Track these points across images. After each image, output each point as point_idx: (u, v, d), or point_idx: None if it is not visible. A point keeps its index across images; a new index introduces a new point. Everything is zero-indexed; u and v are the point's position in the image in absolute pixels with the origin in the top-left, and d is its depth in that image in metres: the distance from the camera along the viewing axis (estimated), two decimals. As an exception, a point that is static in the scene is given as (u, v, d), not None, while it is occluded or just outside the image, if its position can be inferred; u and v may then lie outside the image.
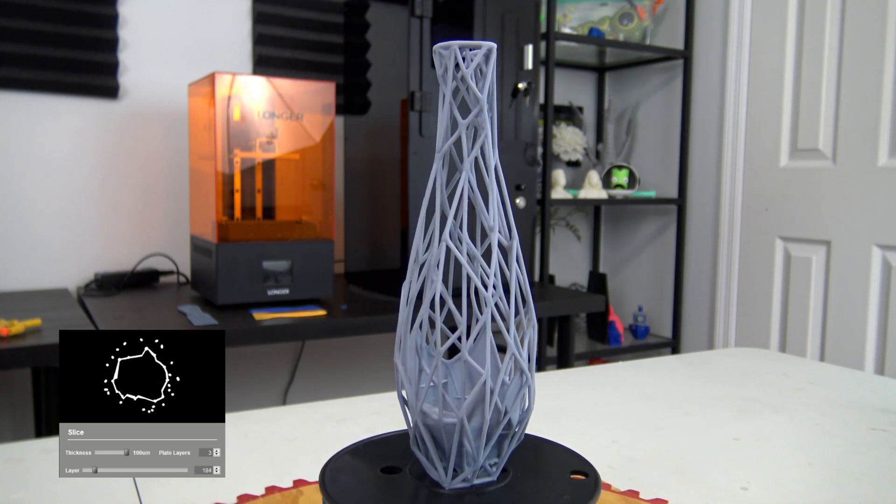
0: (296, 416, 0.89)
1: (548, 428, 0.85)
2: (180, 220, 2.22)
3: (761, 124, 2.61)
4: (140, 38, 2.15)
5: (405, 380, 0.54)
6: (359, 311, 1.79)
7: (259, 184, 1.85)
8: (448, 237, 0.52)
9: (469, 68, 0.52)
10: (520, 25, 2.06)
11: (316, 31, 2.37)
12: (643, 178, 3.06)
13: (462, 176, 0.52)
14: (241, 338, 1.59)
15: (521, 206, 2.07)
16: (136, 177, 2.18)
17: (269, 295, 1.80)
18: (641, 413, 0.92)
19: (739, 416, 0.90)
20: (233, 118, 1.80)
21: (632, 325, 2.96)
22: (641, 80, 3.07)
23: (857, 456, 0.78)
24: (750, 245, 2.68)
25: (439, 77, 0.53)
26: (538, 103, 2.13)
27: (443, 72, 0.53)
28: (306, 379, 2.48)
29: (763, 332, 2.63)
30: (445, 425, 0.53)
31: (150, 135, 2.18)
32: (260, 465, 0.74)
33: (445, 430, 0.53)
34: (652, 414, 0.91)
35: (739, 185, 2.69)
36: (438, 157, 0.53)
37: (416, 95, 1.88)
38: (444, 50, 0.52)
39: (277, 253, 1.80)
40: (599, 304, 2.13)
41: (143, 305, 1.82)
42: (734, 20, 2.66)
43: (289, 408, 0.91)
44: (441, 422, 0.52)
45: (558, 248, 3.12)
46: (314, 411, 0.90)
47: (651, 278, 3.08)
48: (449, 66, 0.52)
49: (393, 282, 2.00)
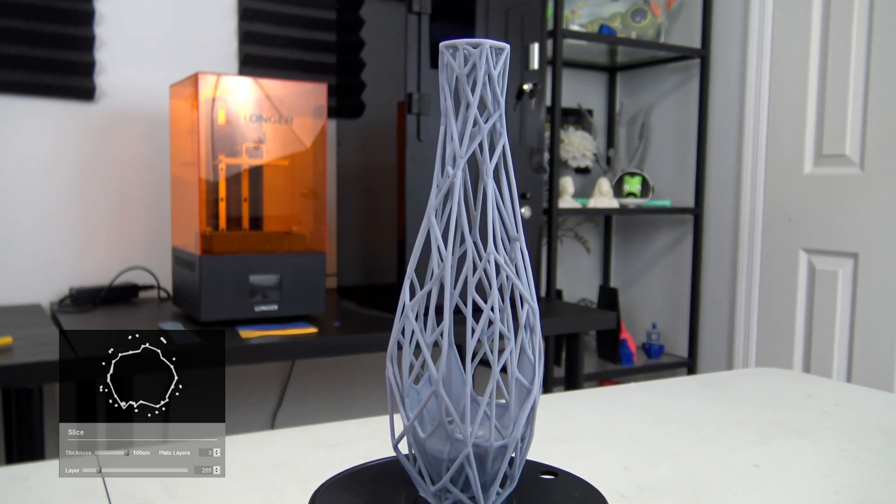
0: (285, 440, 0.89)
1: (555, 454, 0.85)
2: (161, 231, 2.23)
3: (784, 128, 2.62)
4: (118, 36, 2.16)
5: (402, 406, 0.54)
6: (352, 329, 1.79)
7: (245, 192, 1.86)
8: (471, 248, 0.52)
9: (497, 69, 0.53)
10: (525, 22, 2.07)
11: (306, 28, 2.38)
12: (657, 186, 3.07)
13: (488, 184, 0.53)
14: (227, 357, 1.59)
15: (526, 215, 2.08)
16: (114, 184, 2.18)
17: (257, 311, 1.80)
18: (655, 438, 0.92)
19: (760, 441, 0.91)
20: (217, 122, 1.80)
21: (645, 343, 2.96)
22: (655, 81, 3.08)
23: (886, 484, 0.78)
24: (771, 258, 2.68)
25: (461, 76, 0.53)
26: (545, 106, 2.14)
27: (469, 70, 0.53)
28: (296, 401, 2.47)
29: (785, 351, 2.63)
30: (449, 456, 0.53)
31: (128, 140, 2.19)
32: (247, 492, 0.74)
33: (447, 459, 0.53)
34: (666, 439, 0.92)
35: (760, 194, 2.70)
36: (461, 164, 0.53)
37: (414, 97, 1.89)
38: (474, 48, 0.52)
39: (265, 266, 1.81)
40: (610, 321, 2.14)
41: (121, 322, 1.82)
42: (755, 16, 2.68)
43: (277, 432, 0.92)
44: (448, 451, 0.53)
45: (566, 261, 3.13)
46: (304, 435, 0.91)
47: (665, 293, 3.08)
48: (480, 66, 0.53)
49: (389, 297, 2.00)
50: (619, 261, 3.27)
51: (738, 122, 2.77)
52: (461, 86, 0.53)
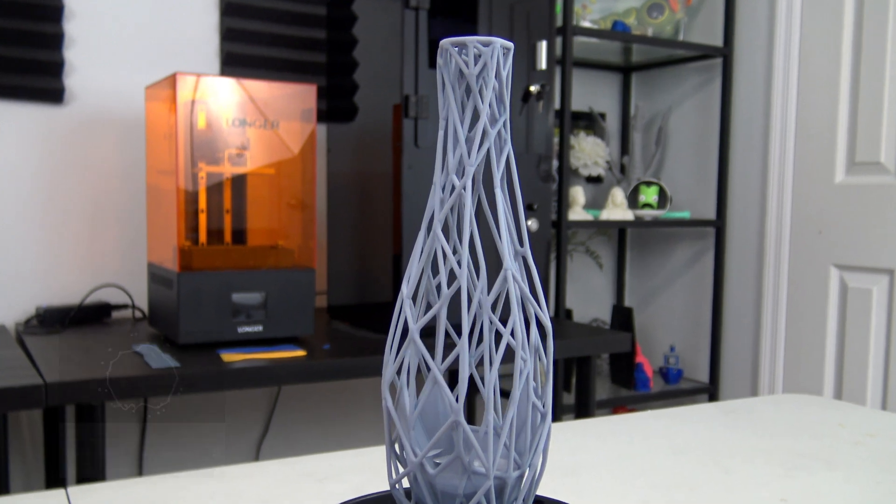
0: (270, 473, 0.89)
1: (564, 488, 0.85)
2: (136, 246, 2.24)
3: (813, 133, 2.63)
4: (89, 34, 2.17)
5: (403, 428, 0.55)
6: (344, 352, 1.80)
7: (228, 203, 1.87)
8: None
9: (504, 69, 0.53)
10: (532, 18, 2.08)
11: (294, 24, 2.39)
12: (676, 197, 3.08)
13: (497, 195, 0.53)
14: (207, 383, 1.60)
15: (533, 228, 2.09)
16: (85, 195, 2.19)
17: (240, 333, 1.80)
18: (674, 470, 0.92)
19: (787, 474, 0.91)
20: (197, 127, 1.81)
21: (662, 367, 2.97)
22: (674, 82, 3.10)
23: (924, 520, 0.78)
24: (800, 274, 2.69)
25: (470, 77, 0.54)
26: (553, 109, 2.15)
27: (480, 70, 0.53)
28: (283, 430, 2.47)
29: (815, 375, 2.63)
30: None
31: (100, 146, 2.20)
32: (230, 530, 0.74)
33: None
34: (686, 471, 0.92)
35: (788, 205, 2.71)
36: (471, 173, 0.53)
37: (412, 100, 1.90)
38: (485, 46, 0.53)
39: (249, 284, 1.81)
40: (624, 343, 2.14)
41: (92, 345, 1.83)
42: (782, 12, 2.69)
43: (262, 464, 0.92)
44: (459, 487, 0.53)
45: (577, 278, 3.13)
46: (292, 468, 0.91)
47: (685, 313, 3.08)
48: (491, 65, 0.53)
49: (384, 317, 2.01)
50: (633, 278, 3.27)
51: (763, 126, 2.79)
52: (471, 88, 0.53)
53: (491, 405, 0.52)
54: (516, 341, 0.53)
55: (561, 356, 2.06)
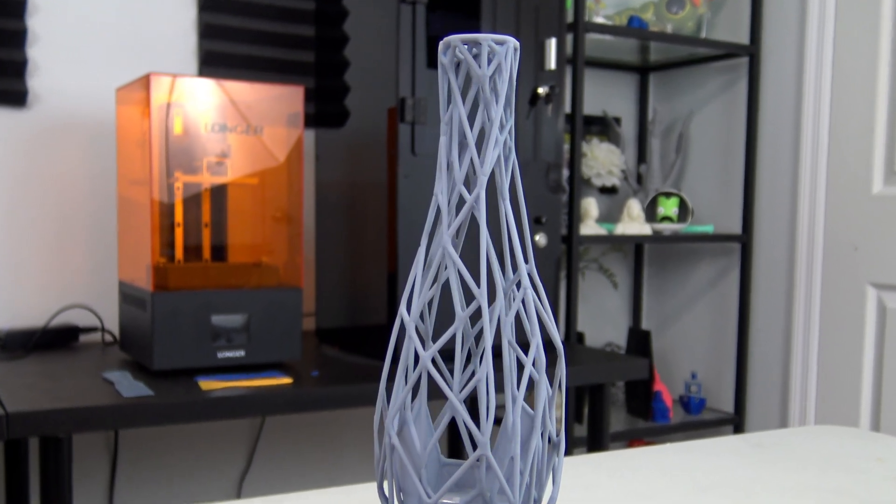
0: (256, 512, 0.90)
1: (576, 528, 0.86)
2: (106, 263, 2.24)
3: (848, 140, 2.64)
4: (55, 30, 2.18)
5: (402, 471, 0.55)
6: (334, 379, 1.80)
7: (207, 216, 1.88)
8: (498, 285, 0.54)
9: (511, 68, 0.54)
10: (540, 14, 2.10)
11: (280, 20, 2.41)
12: (697, 209, 3.09)
13: (506, 207, 0.54)
14: (183, 413, 1.60)
15: (541, 244, 2.09)
16: (50, 207, 2.20)
17: (220, 358, 1.81)
18: (695, 509, 0.93)
19: (820, 513, 0.92)
20: (173, 132, 1.82)
21: (683, 396, 2.97)
22: (695, 84, 3.11)
23: (968, 563, 0.79)
24: (834, 294, 2.69)
25: (482, 79, 0.54)
26: (563, 113, 2.15)
27: (493, 71, 0.54)
28: (267, 465, 2.48)
29: (850, 405, 2.63)
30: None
31: (67, 154, 2.21)
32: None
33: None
34: (709, 510, 0.92)
35: (820, 218, 2.71)
36: (482, 184, 0.54)
37: (408, 103, 1.91)
38: (499, 45, 0.54)
39: (230, 304, 1.82)
40: (641, 369, 2.15)
41: (58, 371, 1.83)
42: (814, 6, 2.70)
43: (245, 502, 0.93)
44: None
45: (589, 298, 3.14)
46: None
47: (707, 337, 3.09)
48: (505, 67, 0.54)
49: (378, 341, 2.01)
50: (651, 298, 3.28)
51: (793, 132, 2.80)
52: (482, 90, 0.54)
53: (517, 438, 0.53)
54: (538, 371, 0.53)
55: (572, 384, 2.06)
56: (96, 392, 1.64)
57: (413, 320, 0.54)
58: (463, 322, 0.53)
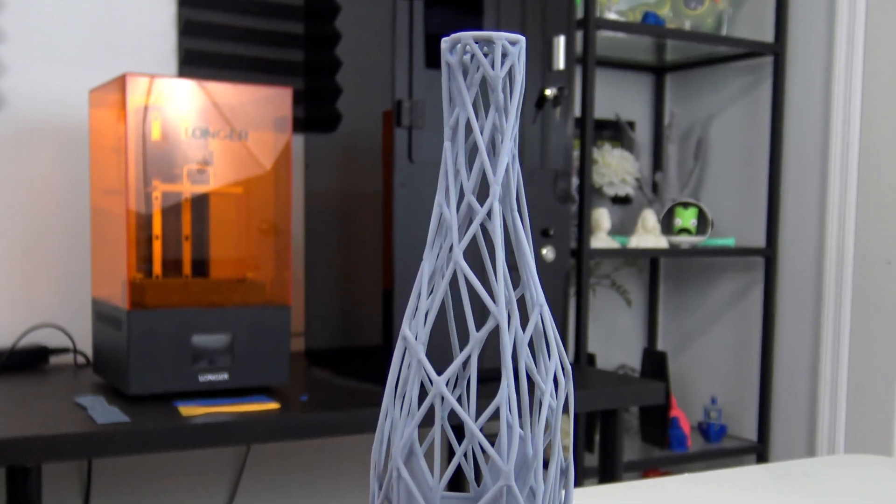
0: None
1: (587, 566, 0.86)
2: (78, 279, 2.24)
3: (881, 146, 2.64)
4: (25, 28, 2.19)
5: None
6: (325, 404, 1.80)
7: (187, 228, 1.88)
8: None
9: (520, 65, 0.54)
10: (548, 9, 2.10)
11: (266, 16, 2.41)
12: (718, 221, 3.09)
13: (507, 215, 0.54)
14: (162, 440, 1.60)
15: (549, 258, 2.09)
16: (18, 218, 2.20)
17: (202, 381, 1.81)
18: (716, 546, 0.93)
19: (851, 551, 0.92)
20: (151, 137, 1.82)
21: (702, 423, 2.97)
22: (715, 85, 3.12)
23: None
24: (865, 312, 2.69)
25: (494, 80, 0.54)
26: (573, 117, 2.16)
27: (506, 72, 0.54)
28: (253, 496, 2.47)
29: (883, 432, 2.63)
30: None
31: (37, 160, 2.21)
32: None
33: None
34: (731, 547, 0.92)
35: (850, 230, 2.71)
36: (496, 193, 0.54)
37: (405, 106, 1.91)
38: (512, 44, 0.54)
39: (213, 324, 1.82)
40: (657, 393, 2.14)
41: (27, 396, 1.83)
42: (843, 2, 2.71)
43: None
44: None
45: (601, 317, 3.14)
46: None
47: (728, 359, 3.09)
48: (518, 67, 0.54)
49: (372, 363, 2.01)
50: (668, 317, 3.28)
51: (821, 137, 2.80)
52: (493, 93, 0.54)
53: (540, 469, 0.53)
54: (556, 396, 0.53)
55: (582, 409, 2.06)
56: (68, 418, 1.64)
57: (422, 342, 0.53)
58: (479, 343, 0.53)
